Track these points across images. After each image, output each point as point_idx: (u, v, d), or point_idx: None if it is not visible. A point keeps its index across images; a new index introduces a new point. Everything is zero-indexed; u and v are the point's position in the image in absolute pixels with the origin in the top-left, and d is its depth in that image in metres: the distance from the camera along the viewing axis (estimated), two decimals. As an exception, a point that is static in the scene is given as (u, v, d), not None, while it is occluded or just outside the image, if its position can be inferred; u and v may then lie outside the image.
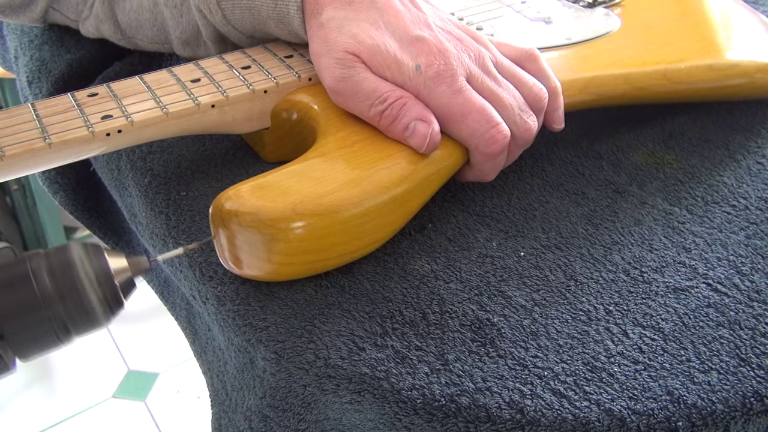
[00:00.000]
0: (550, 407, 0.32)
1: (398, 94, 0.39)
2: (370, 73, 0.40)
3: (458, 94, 0.39)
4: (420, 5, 0.43)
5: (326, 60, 0.40)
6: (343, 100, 0.40)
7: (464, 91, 0.39)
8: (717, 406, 0.32)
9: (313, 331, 0.34)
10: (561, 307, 0.37)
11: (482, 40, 0.43)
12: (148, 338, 1.52)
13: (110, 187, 0.51)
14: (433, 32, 0.41)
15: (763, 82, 0.52)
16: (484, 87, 0.41)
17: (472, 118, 0.39)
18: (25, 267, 0.31)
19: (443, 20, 0.43)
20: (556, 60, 0.49)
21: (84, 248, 0.32)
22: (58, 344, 0.32)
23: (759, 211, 0.44)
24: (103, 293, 0.32)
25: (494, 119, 0.40)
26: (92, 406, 1.38)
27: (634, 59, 0.50)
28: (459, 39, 0.42)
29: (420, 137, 0.38)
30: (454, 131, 0.40)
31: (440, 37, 0.41)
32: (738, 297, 0.38)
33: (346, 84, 0.40)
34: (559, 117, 0.45)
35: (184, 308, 0.47)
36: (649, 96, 0.50)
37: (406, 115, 0.39)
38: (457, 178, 0.44)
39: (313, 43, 0.41)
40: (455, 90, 0.39)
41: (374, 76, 0.40)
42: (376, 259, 0.39)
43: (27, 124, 0.38)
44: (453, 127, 0.40)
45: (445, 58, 0.40)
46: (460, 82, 0.39)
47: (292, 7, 0.42)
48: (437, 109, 0.39)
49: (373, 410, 0.32)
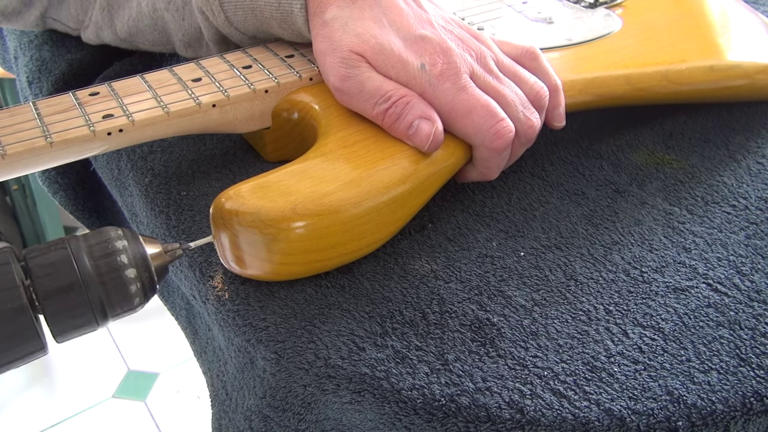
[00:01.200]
0: (550, 407, 0.32)
1: (402, 92, 0.39)
2: (374, 72, 0.40)
3: (462, 92, 0.39)
4: (423, 4, 0.43)
5: (331, 59, 0.40)
6: (348, 99, 0.40)
7: (468, 89, 0.40)
8: (717, 406, 0.32)
9: (313, 331, 0.34)
10: (561, 307, 0.37)
11: (483, 39, 0.43)
12: (148, 338, 1.52)
13: (111, 186, 0.51)
14: (436, 31, 0.41)
15: (763, 83, 0.52)
16: (487, 84, 0.41)
17: (477, 114, 0.39)
18: (65, 249, 0.31)
19: (445, 19, 0.43)
20: (557, 60, 0.49)
21: (123, 232, 0.33)
22: (94, 326, 0.32)
23: (759, 211, 0.44)
24: (140, 277, 0.33)
25: (498, 114, 0.40)
26: (92, 406, 1.38)
27: (635, 60, 0.50)
28: (461, 38, 0.42)
29: (423, 136, 0.39)
30: (459, 128, 0.40)
31: (443, 36, 0.41)
32: (738, 297, 0.38)
33: (351, 83, 0.40)
34: (560, 115, 0.45)
35: (184, 308, 0.47)
36: (650, 97, 0.50)
37: (410, 113, 0.39)
38: (458, 179, 0.44)
39: (317, 42, 0.41)
40: (459, 87, 0.39)
41: (378, 75, 0.40)
42: (376, 259, 0.39)
43: (28, 123, 0.38)
44: (458, 124, 0.40)
45: (449, 56, 0.40)
46: (464, 80, 0.40)
47: (296, 6, 0.42)
48: (442, 107, 0.40)
49: (373, 410, 0.32)
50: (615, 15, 0.55)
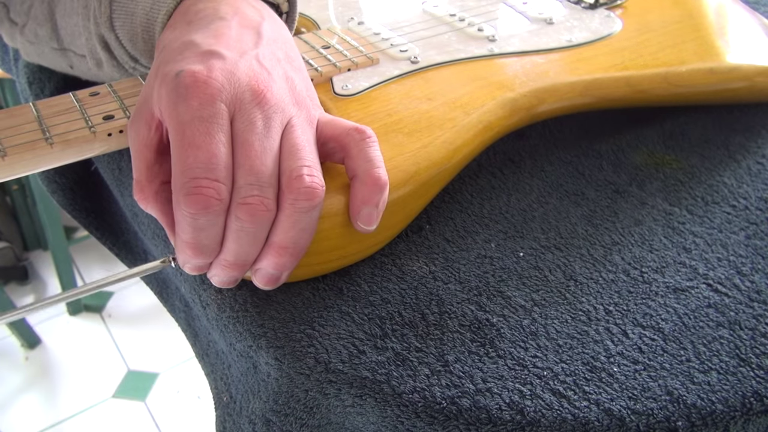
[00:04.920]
0: (550, 407, 0.32)
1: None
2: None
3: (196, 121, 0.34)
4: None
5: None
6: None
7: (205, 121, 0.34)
8: (716, 406, 0.32)
9: (312, 334, 0.34)
10: (560, 307, 0.37)
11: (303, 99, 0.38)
12: (148, 338, 1.52)
13: (112, 186, 0.51)
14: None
15: (762, 85, 0.52)
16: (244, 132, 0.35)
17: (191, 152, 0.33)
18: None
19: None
20: (558, 62, 0.49)
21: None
22: None
23: (759, 211, 0.44)
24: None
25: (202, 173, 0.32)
26: (92, 406, 1.38)
27: (636, 62, 0.50)
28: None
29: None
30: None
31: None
32: (738, 297, 0.38)
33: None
34: (369, 216, 0.36)
35: (183, 310, 0.47)
36: (650, 99, 0.50)
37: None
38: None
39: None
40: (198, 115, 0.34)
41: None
42: (374, 261, 0.39)
43: (29, 125, 0.38)
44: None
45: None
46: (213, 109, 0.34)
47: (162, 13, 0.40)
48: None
49: (375, 414, 0.32)
50: (615, 16, 0.55)
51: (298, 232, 0.33)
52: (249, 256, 0.34)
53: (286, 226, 0.33)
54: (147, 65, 0.44)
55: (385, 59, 0.48)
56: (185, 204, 0.31)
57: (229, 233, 0.33)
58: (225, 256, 0.33)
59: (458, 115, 0.43)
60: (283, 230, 0.33)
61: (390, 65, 0.47)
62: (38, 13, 0.49)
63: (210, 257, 0.34)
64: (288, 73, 0.37)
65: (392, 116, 0.42)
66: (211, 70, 0.33)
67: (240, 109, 0.33)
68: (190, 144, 0.31)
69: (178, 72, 0.33)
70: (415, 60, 0.48)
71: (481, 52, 0.49)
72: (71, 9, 0.46)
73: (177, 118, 0.32)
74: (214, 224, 0.32)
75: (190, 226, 0.32)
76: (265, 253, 0.34)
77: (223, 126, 0.32)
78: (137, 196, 0.34)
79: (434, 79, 0.46)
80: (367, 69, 0.46)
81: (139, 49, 0.43)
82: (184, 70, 0.33)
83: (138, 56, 0.44)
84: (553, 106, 0.48)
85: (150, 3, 0.41)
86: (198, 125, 0.32)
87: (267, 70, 0.35)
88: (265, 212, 0.32)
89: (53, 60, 0.51)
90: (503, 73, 0.47)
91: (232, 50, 0.35)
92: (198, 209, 0.31)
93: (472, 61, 0.48)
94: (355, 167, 0.36)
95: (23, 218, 1.63)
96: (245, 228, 0.32)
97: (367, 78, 0.45)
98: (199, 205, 0.31)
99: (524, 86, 0.46)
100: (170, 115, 0.32)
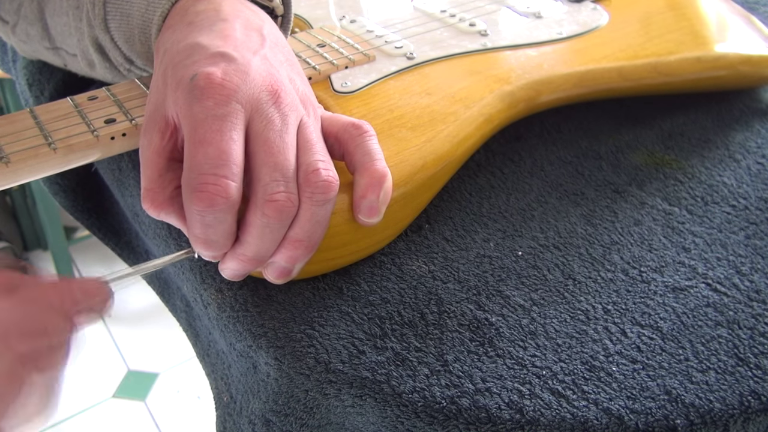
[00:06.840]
0: (549, 407, 0.32)
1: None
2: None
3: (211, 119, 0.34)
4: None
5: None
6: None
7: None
8: (715, 405, 0.32)
9: (312, 335, 0.35)
10: (559, 306, 0.37)
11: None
12: (148, 338, 1.52)
13: (112, 186, 0.51)
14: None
15: (746, 73, 0.53)
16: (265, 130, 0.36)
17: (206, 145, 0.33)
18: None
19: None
20: (551, 54, 0.50)
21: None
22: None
23: (759, 211, 0.44)
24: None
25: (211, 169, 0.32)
26: (92, 406, 1.38)
27: (626, 53, 0.51)
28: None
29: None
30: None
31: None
32: (737, 297, 0.38)
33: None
34: (371, 208, 0.36)
35: (184, 310, 0.47)
36: (640, 88, 0.51)
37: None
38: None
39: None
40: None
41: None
42: (373, 261, 0.39)
43: (30, 131, 0.38)
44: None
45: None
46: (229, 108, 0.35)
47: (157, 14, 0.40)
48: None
49: (375, 414, 0.32)
50: (601, 8, 0.56)
51: (314, 225, 0.34)
52: (268, 252, 0.34)
53: (303, 219, 0.33)
54: (143, 67, 0.44)
55: (381, 56, 0.48)
56: (192, 201, 0.31)
57: (252, 229, 0.33)
58: (244, 250, 0.34)
59: (459, 108, 0.43)
60: (300, 224, 0.34)
61: (386, 62, 0.47)
62: (28, 13, 0.49)
63: (221, 251, 0.34)
64: (290, 75, 0.37)
65: (394, 112, 0.43)
66: (225, 72, 0.33)
67: (257, 109, 0.34)
68: (200, 141, 0.32)
69: (192, 75, 0.33)
70: (411, 56, 0.48)
71: (474, 46, 0.50)
72: (60, 9, 0.46)
73: (191, 118, 0.32)
74: (222, 221, 0.32)
75: (199, 223, 0.32)
76: (280, 247, 0.34)
77: (237, 125, 0.33)
78: (147, 206, 0.34)
79: (431, 74, 0.46)
80: (364, 66, 0.47)
81: (135, 51, 0.43)
82: (199, 73, 0.33)
83: (134, 58, 0.44)
84: (550, 97, 0.48)
85: (145, 4, 0.41)
86: (211, 123, 0.32)
87: (277, 71, 0.36)
88: (291, 207, 0.33)
89: (48, 57, 0.52)
90: (498, 66, 0.48)
91: (242, 52, 0.35)
92: (203, 206, 0.31)
93: (467, 56, 0.49)
94: (354, 162, 0.36)
95: (23, 218, 1.63)
96: (271, 224, 0.33)
97: (365, 75, 0.46)
98: (204, 202, 0.31)
99: (520, 79, 0.47)
100: (185, 116, 0.33)
